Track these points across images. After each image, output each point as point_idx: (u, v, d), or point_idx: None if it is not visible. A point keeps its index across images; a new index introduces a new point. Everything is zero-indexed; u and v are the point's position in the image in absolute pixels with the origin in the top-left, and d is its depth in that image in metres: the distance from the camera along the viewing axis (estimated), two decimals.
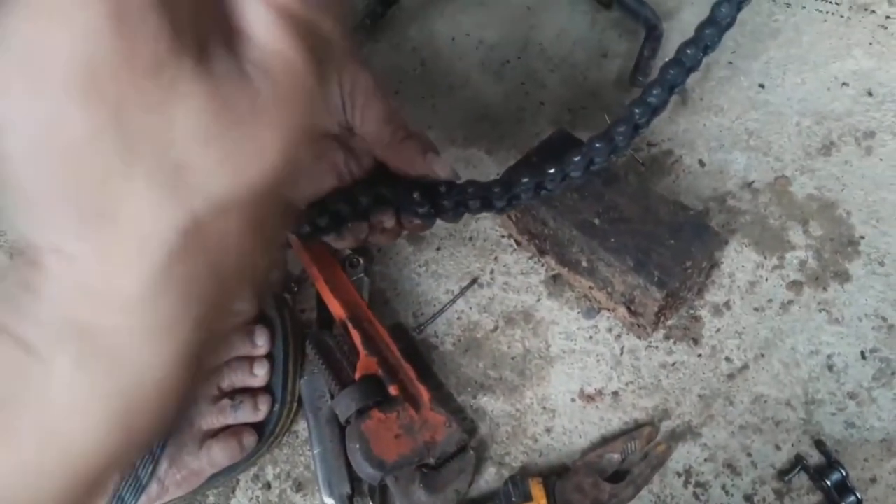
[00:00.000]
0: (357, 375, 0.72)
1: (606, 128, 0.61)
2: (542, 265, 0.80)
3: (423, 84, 0.94)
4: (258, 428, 0.73)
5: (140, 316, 0.28)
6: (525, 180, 0.61)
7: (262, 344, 0.73)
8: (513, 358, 0.77)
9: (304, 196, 0.61)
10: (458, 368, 0.77)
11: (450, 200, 0.60)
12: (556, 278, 0.80)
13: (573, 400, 0.74)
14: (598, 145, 0.61)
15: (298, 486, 0.74)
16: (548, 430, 0.73)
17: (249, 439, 0.72)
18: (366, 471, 0.67)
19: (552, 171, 0.61)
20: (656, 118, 0.62)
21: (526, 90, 0.93)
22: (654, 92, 0.60)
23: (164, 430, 0.31)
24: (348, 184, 0.61)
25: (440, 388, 0.76)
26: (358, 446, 0.67)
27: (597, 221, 0.71)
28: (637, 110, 0.60)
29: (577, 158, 0.61)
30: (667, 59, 0.60)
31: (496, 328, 0.78)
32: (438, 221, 0.63)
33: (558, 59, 0.95)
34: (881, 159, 0.81)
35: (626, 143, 0.61)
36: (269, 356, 0.74)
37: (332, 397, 0.72)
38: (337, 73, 0.54)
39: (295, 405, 0.75)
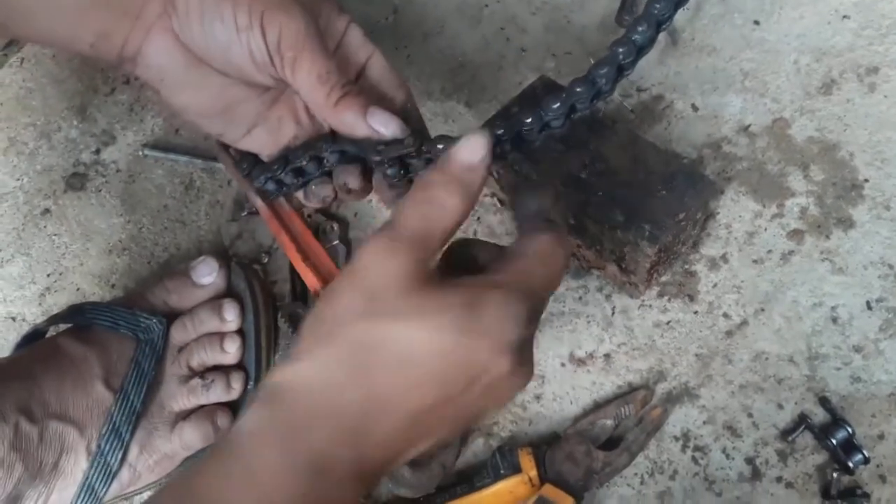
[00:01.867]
0: None
1: (588, 70, 0.56)
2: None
3: (396, 33, 0.88)
4: (233, 407, 0.70)
5: None
6: (500, 132, 0.56)
7: (231, 319, 0.69)
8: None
9: (263, 146, 0.57)
10: None
11: (419, 159, 0.55)
12: None
13: (563, 364, 0.70)
14: (579, 89, 0.56)
15: None
16: (537, 398, 0.70)
17: (223, 419, 0.68)
18: None
19: (529, 120, 0.56)
20: (643, 58, 0.56)
21: (506, 36, 0.87)
22: (640, 29, 0.54)
23: None
24: (312, 136, 0.57)
25: None
26: None
27: (583, 174, 0.67)
28: (621, 50, 0.55)
29: (556, 105, 0.56)
30: None
31: None
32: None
33: (539, 2, 0.89)
34: (885, 96, 0.76)
35: (611, 87, 0.56)
36: (241, 332, 0.70)
37: None
38: (259, 17, 0.48)
39: None
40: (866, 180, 0.73)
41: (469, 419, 0.45)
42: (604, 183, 0.66)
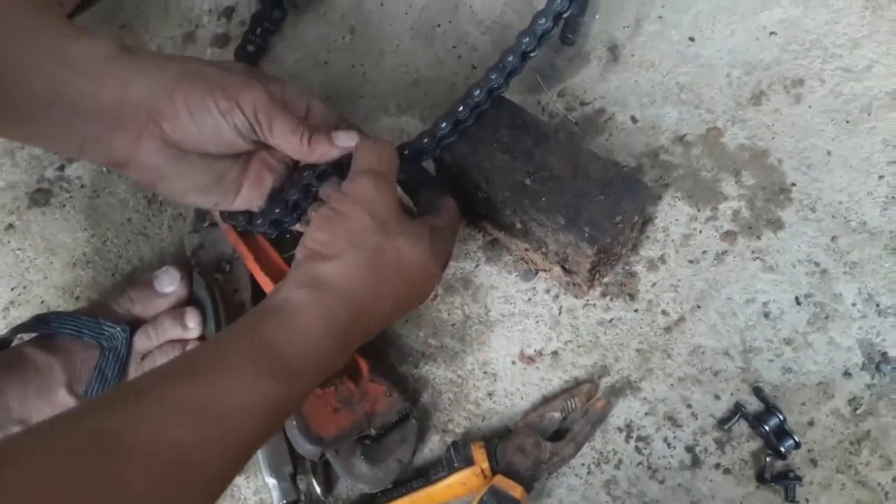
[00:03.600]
0: None
1: (498, 59, 0.71)
2: (480, 231, 0.80)
3: (353, 52, 0.92)
4: None
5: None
6: (443, 125, 0.70)
7: (193, 326, 0.72)
8: (453, 325, 0.76)
9: (252, 200, 0.68)
10: (399, 339, 0.76)
11: None
12: (493, 243, 0.79)
13: (513, 362, 0.74)
14: (493, 77, 0.71)
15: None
16: (490, 395, 0.73)
17: None
18: (304, 447, 0.66)
19: (461, 109, 0.70)
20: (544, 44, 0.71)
21: (458, 54, 0.92)
22: (540, 21, 0.69)
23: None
24: (288, 173, 0.69)
25: (382, 360, 0.75)
26: (295, 423, 0.66)
27: (528, 182, 0.70)
28: (525, 39, 0.70)
29: (476, 92, 0.70)
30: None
31: (436, 296, 0.78)
32: None
33: (489, 22, 0.93)
34: (810, 106, 0.81)
35: (520, 67, 0.71)
36: (203, 338, 0.73)
37: None
38: (235, 100, 0.60)
39: None
40: (794, 184, 0.77)
41: (410, 308, 0.66)
42: (547, 189, 0.70)
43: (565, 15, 0.71)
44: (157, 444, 0.45)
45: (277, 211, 0.67)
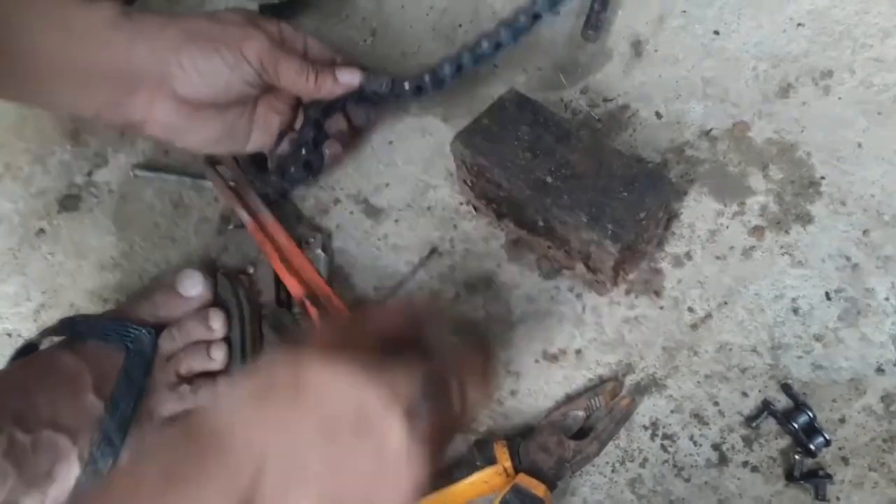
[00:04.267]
0: None
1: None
2: (502, 230, 0.79)
3: (375, 54, 0.92)
4: None
5: None
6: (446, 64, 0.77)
7: (217, 327, 0.72)
8: (477, 327, 0.76)
9: (264, 143, 0.73)
10: None
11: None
12: (515, 242, 0.79)
13: (537, 361, 0.73)
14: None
15: None
16: (513, 393, 0.72)
17: None
18: None
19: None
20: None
21: None
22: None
23: None
24: (293, 114, 0.75)
25: None
26: None
27: (549, 180, 0.70)
28: None
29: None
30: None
31: (458, 296, 0.77)
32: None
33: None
34: (839, 98, 0.79)
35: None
36: (227, 339, 0.73)
37: None
38: (239, 51, 0.63)
39: None
40: (823, 178, 0.76)
41: (360, 489, 0.42)
42: (570, 187, 0.69)
43: None
44: None
45: (301, 150, 0.75)
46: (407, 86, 0.77)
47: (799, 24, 0.84)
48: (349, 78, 0.70)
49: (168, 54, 0.62)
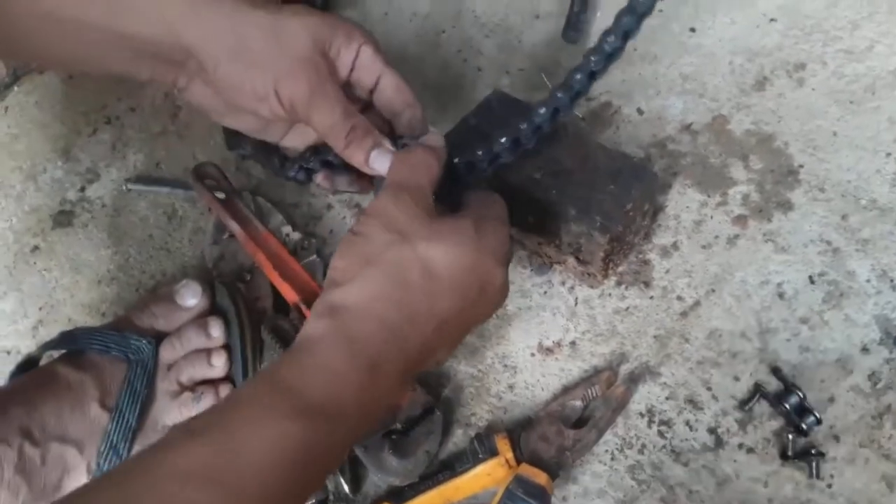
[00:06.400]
0: None
1: (566, 76, 0.61)
2: None
3: None
4: None
5: None
6: (503, 139, 0.64)
7: (217, 335, 0.73)
8: None
9: (296, 145, 0.67)
10: None
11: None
12: None
13: (532, 354, 0.75)
14: (560, 95, 0.61)
15: None
16: (510, 387, 0.74)
17: None
18: None
19: (524, 126, 0.63)
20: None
21: (463, 57, 0.93)
22: (609, 39, 0.59)
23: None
24: None
25: None
26: None
27: (538, 176, 0.72)
28: (593, 58, 0.60)
29: (542, 110, 0.62)
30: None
31: None
32: None
33: (492, 25, 0.95)
34: (813, 89, 0.82)
35: (585, 89, 0.62)
36: (227, 346, 0.74)
37: None
38: (273, 87, 0.58)
39: None
40: (801, 166, 0.78)
41: (474, 324, 0.57)
42: (558, 182, 0.71)
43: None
44: None
45: (308, 158, 0.67)
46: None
47: (771, 20, 0.87)
48: (380, 165, 0.59)
49: (208, 58, 0.57)
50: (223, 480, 0.42)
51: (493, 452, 0.67)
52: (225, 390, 0.73)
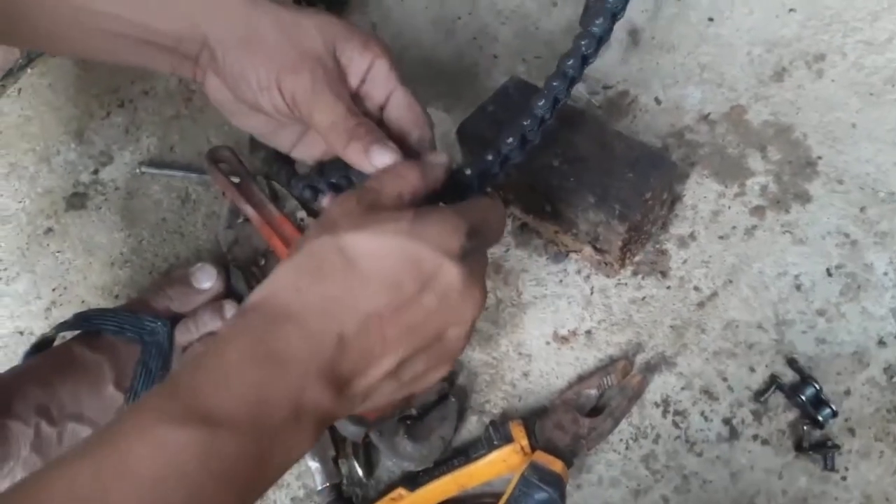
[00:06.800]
0: None
1: (557, 66, 0.61)
2: (509, 216, 0.80)
3: None
4: None
5: None
6: (509, 140, 0.61)
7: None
8: (486, 308, 0.77)
9: (308, 155, 0.64)
10: None
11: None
12: (522, 227, 0.80)
13: (548, 343, 0.74)
14: (555, 84, 0.61)
15: None
16: (525, 375, 0.74)
17: None
18: (348, 429, 0.67)
19: (527, 122, 0.61)
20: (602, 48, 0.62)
21: (479, 45, 0.93)
22: (598, 22, 0.60)
23: None
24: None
25: None
26: None
27: (555, 163, 0.71)
28: (583, 42, 0.61)
29: (541, 102, 0.61)
30: None
31: None
32: None
33: (508, 12, 0.94)
34: (833, 80, 0.81)
35: (579, 74, 0.61)
36: None
37: None
38: (275, 78, 0.55)
39: None
40: (819, 157, 0.78)
41: (432, 334, 0.47)
42: (575, 170, 0.71)
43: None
44: None
45: (314, 176, 0.63)
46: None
47: (791, 10, 0.86)
48: (380, 162, 0.55)
49: (218, 46, 0.56)
50: (108, 501, 0.37)
51: (508, 439, 0.67)
52: None
